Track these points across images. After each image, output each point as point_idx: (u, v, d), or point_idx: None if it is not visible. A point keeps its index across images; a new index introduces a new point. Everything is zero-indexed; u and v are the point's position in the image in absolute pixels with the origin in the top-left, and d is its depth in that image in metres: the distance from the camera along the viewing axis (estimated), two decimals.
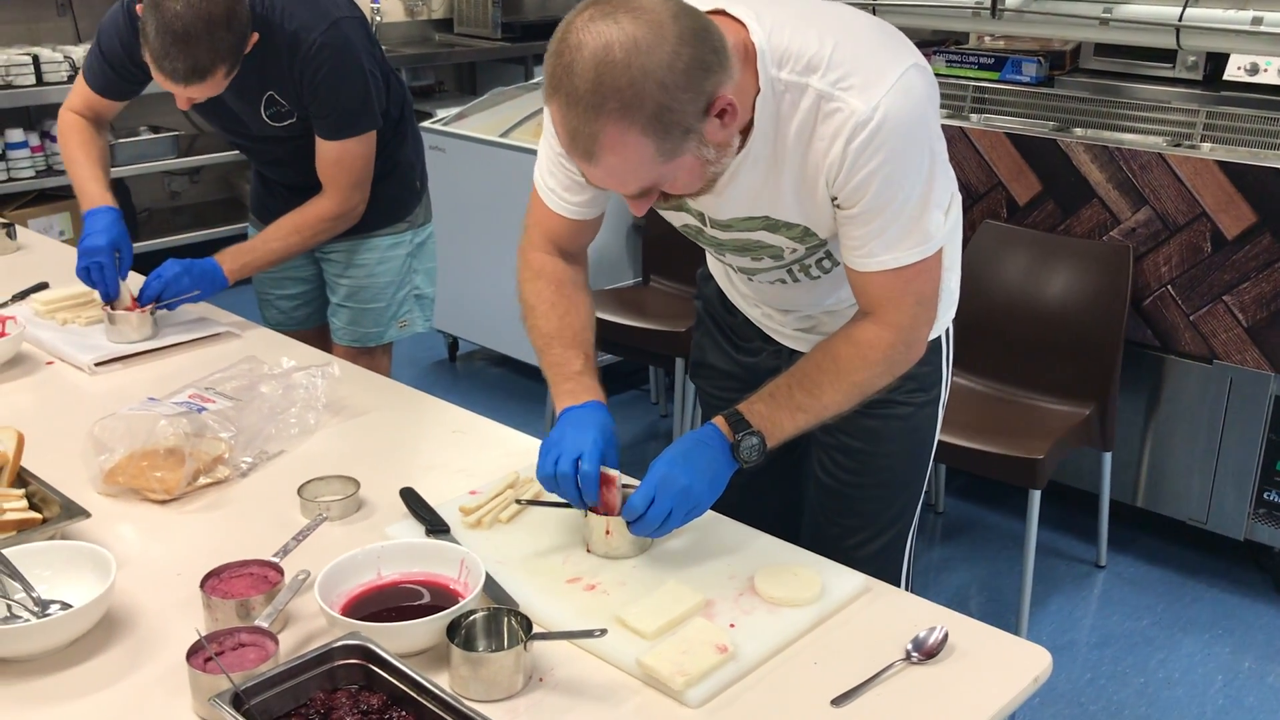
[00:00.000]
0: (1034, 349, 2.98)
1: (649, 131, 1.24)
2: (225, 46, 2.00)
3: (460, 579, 1.38)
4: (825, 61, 1.34)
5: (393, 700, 1.16)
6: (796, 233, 1.50)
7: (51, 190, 4.68)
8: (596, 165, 1.29)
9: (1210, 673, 2.69)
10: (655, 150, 1.26)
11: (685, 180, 1.34)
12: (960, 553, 3.17)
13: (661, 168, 1.29)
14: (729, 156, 1.35)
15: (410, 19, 5.98)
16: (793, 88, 1.36)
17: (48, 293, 2.34)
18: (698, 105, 1.25)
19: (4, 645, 1.28)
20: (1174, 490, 3.04)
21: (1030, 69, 3.44)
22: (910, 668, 1.31)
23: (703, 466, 1.45)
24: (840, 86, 1.34)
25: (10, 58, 4.44)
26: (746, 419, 1.47)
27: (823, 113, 1.36)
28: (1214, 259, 2.81)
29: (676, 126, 1.25)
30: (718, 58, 1.26)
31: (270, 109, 2.25)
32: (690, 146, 1.28)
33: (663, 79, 1.21)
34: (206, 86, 2.05)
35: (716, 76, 1.26)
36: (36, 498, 1.54)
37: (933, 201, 1.42)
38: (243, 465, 1.71)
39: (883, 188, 1.38)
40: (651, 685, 1.26)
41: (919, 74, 1.38)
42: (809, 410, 1.49)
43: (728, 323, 1.84)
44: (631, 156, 1.26)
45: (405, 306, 2.58)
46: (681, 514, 1.44)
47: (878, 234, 1.42)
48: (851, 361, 1.49)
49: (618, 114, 1.22)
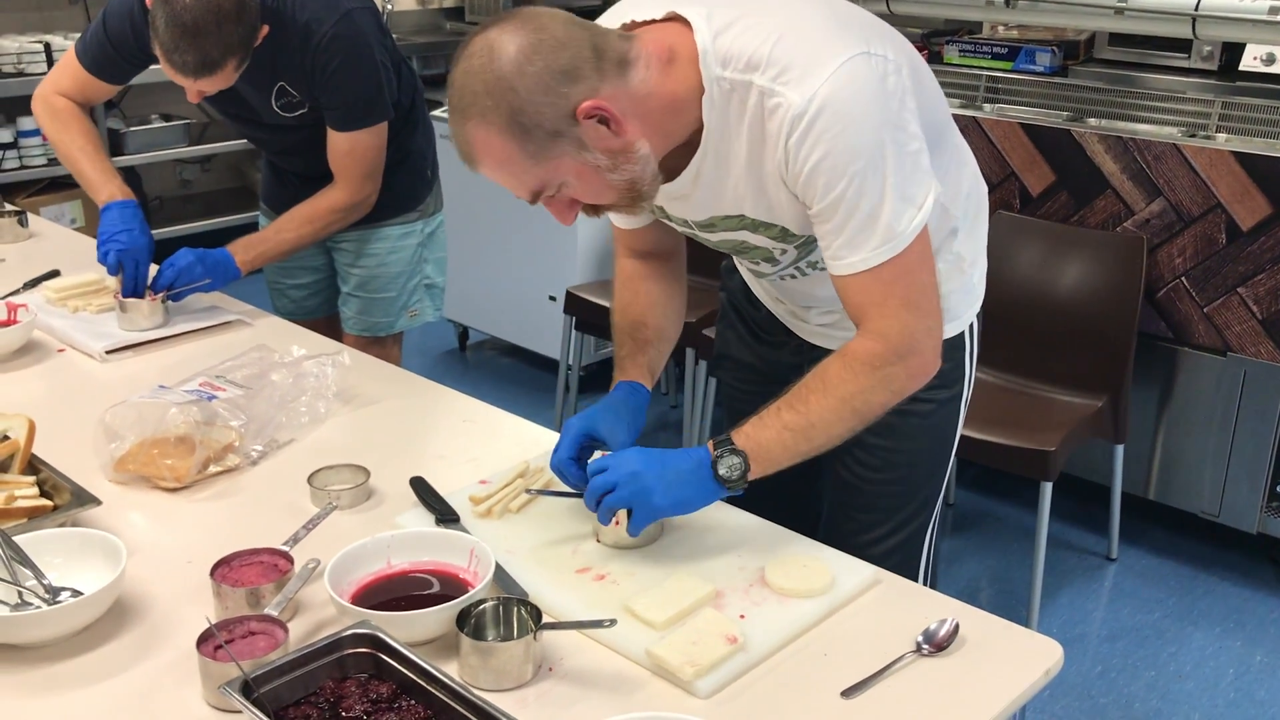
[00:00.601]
0: (1046, 340, 2.97)
1: (508, 133, 1.29)
2: (235, 39, 1.99)
3: (470, 568, 1.38)
4: (766, 58, 1.33)
5: (402, 689, 1.16)
6: (776, 232, 1.49)
7: (63, 178, 4.69)
8: (479, 168, 1.35)
9: (1221, 666, 2.68)
10: (520, 152, 1.30)
11: (585, 186, 1.36)
12: (971, 545, 3.16)
13: (538, 170, 1.33)
14: (636, 164, 1.35)
15: (421, 7, 5.97)
16: (739, 86, 1.35)
17: (59, 280, 2.34)
18: (559, 109, 1.28)
19: (15, 632, 1.28)
20: (1186, 483, 3.02)
21: (1044, 58, 3.43)
22: (920, 660, 1.30)
23: (668, 469, 1.43)
24: (779, 81, 1.32)
25: (22, 45, 4.45)
26: (731, 439, 1.45)
27: (766, 110, 1.34)
28: (1228, 250, 2.80)
29: (537, 129, 1.29)
30: (588, 66, 1.29)
31: (281, 99, 2.25)
32: (564, 149, 1.31)
33: (514, 83, 1.27)
34: (217, 80, 2.04)
35: (584, 84, 1.29)
36: (47, 485, 1.54)
37: (892, 195, 1.34)
38: (253, 453, 1.71)
39: (831, 180, 1.34)
40: (661, 676, 1.26)
41: (866, 62, 1.33)
42: (795, 428, 1.42)
43: (751, 316, 1.84)
44: (499, 158, 1.32)
45: (416, 296, 2.58)
46: (624, 496, 1.41)
47: (838, 231, 1.37)
48: (839, 375, 1.42)
49: (478, 118, 1.29)
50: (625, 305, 1.69)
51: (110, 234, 2.23)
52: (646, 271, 1.70)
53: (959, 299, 1.64)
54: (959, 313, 1.65)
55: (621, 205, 1.41)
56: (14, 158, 4.51)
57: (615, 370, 1.64)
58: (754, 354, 1.83)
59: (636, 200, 1.39)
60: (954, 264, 1.61)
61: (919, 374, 1.46)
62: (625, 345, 1.66)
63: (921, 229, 1.39)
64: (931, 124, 1.45)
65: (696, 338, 3.29)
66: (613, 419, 1.55)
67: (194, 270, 2.20)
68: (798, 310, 1.73)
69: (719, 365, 1.93)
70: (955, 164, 1.57)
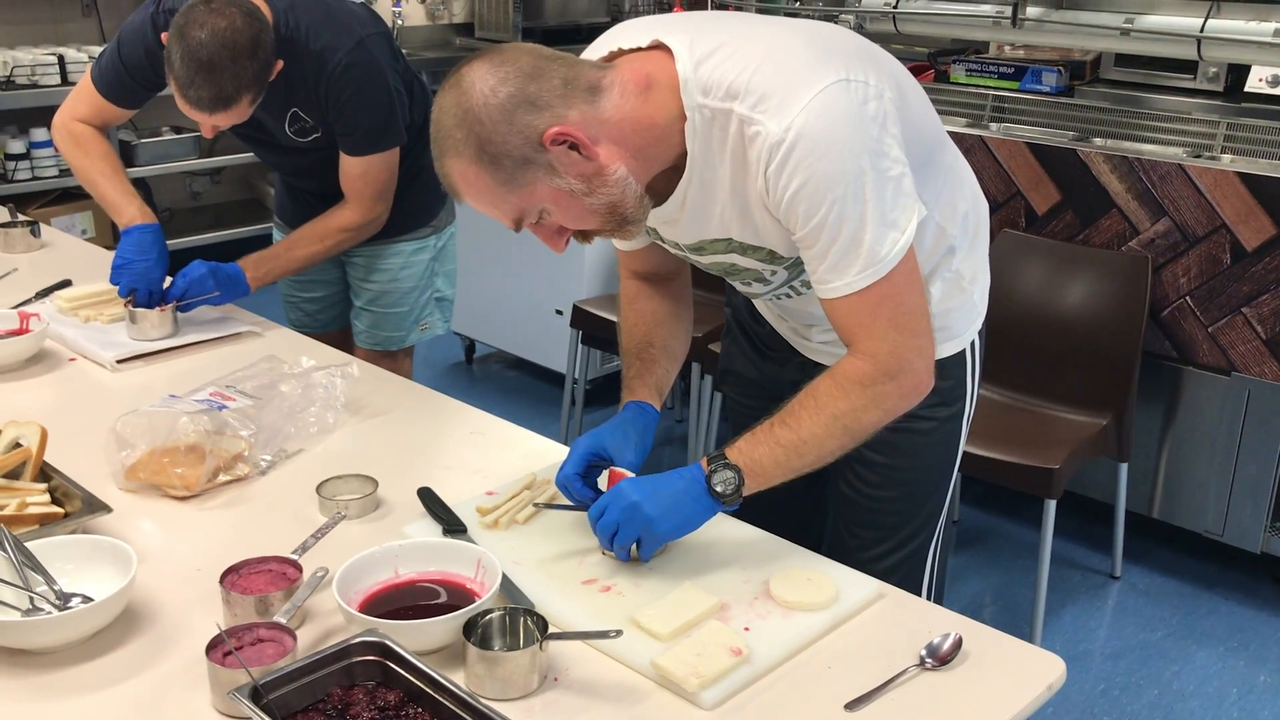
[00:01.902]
0: (1051, 358, 2.98)
1: (479, 164, 1.33)
2: (249, 76, 2.01)
3: (477, 578, 1.39)
4: (744, 86, 1.35)
5: (409, 697, 1.17)
6: (763, 255, 1.50)
7: (75, 189, 4.72)
8: (462, 200, 1.39)
9: (1225, 685, 2.68)
10: (493, 180, 1.34)
11: (565, 212, 1.39)
12: (975, 561, 3.17)
13: (514, 197, 1.36)
14: (613, 187, 1.37)
15: (431, 23, 6.00)
16: (719, 114, 1.37)
17: (70, 290, 2.36)
18: (525, 137, 1.31)
19: (26, 637, 1.29)
20: (1190, 502, 3.03)
21: (1050, 79, 3.44)
22: (924, 673, 1.31)
23: (663, 493, 1.45)
24: (758, 110, 1.34)
25: (36, 57, 4.49)
26: (725, 454, 1.47)
27: (746, 137, 1.36)
28: (1233, 270, 2.81)
29: (506, 158, 1.32)
30: (553, 95, 1.32)
31: (295, 125, 2.26)
32: (536, 176, 1.34)
33: (479, 115, 1.31)
34: (232, 115, 2.06)
35: (548, 112, 1.32)
36: (59, 492, 1.56)
37: (873, 220, 1.35)
38: (262, 463, 1.73)
39: (811, 208, 1.35)
40: (666, 687, 1.27)
41: (844, 89, 1.34)
42: (787, 445, 1.44)
43: (756, 332, 1.85)
44: (476, 188, 1.36)
45: (427, 310, 2.60)
46: (631, 532, 1.44)
47: (821, 258, 1.39)
48: (829, 393, 1.44)
49: (452, 152, 1.34)
50: (631, 326, 1.71)
51: (126, 260, 2.24)
52: (651, 291, 1.72)
53: (959, 317, 1.65)
54: (960, 330, 1.66)
55: (607, 229, 1.43)
56: (26, 168, 4.54)
57: (623, 390, 1.66)
58: (758, 370, 1.85)
59: (622, 224, 1.41)
60: (953, 282, 1.61)
61: (911, 393, 1.47)
62: (633, 365, 1.67)
63: (906, 252, 1.40)
64: (921, 145, 1.46)
65: (702, 353, 3.30)
66: (620, 438, 1.57)
67: (205, 283, 2.22)
68: (799, 328, 1.74)
69: (724, 381, 1.94)
70: (951, 184, 1.57)
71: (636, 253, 1.71)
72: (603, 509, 1.46)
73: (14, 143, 4.50)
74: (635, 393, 1.64)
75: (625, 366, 1.69)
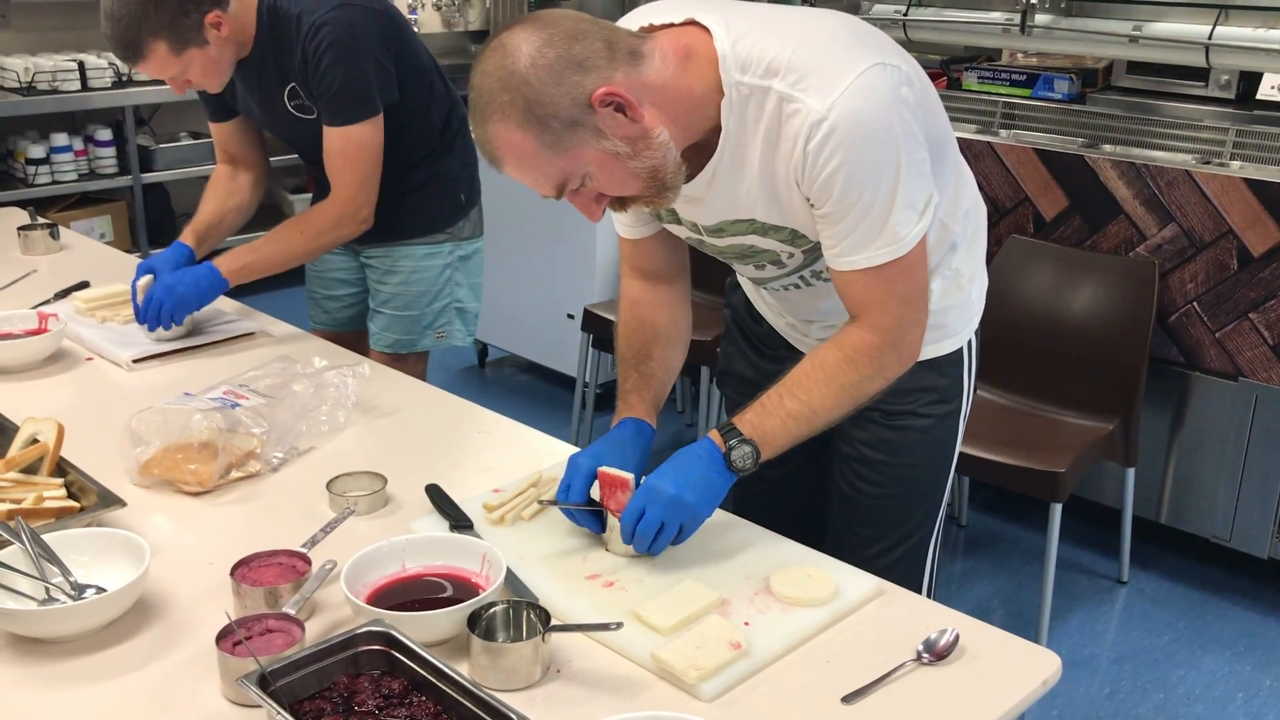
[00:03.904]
0: (1058, 363, 2.99)
1: (526, 126, 1.32)
2: (155, 23, 2.03)
3: (482, 573, 1.41)
4: (785, 64, 1.38)
5: (413, 686, 1.20)
6: (785, 235, 1.53)
7: (93, 193, 4.78)
8: (503, 167, 1.38)
9: (1231, 690, 2.68)
10: (538, 143, 1.33)
11: (608, 176, 1.39)
12: (982, 565, 3.18)
13: (560, 161, 1.35)
14: (657, 150, 1.38)
15: (448, 30, 6.05)
16: (757, 91, 1.39)
17: (88, 291, 2.40)
18: (574, 98, 1.31)
19: (42, 626, 1.33)
20: (1198, 507, 3.03)
21: (1062, 86, 3.45)
22: (920, 668, 1.33)
23: (693, 477, 1.48)
24: (799, 88, 1.37)
25: (57, 64, 4.54)
26: (738, 428, 1.50)
27: (784, 114, 1.39)
28: (1240, 276, 2.82)
29: (554, 119, 1.31)
30: (600, 57, 1.33)
31: (294, 100, 2.28)
32: (583, 139, 1.34)
33: (526, 75, 1.30)
34: (151, 64, 2.08)
35: (597, 73, 1.32)
36: (75, 487, 1.59)
37: (900, 201, 1.42)
38: (274, 460, 1.76)
39: (846, 187, 1.39)
40: (666, 679, 1.29)
41: (882, 73, 1.38)
42: (799, 416, 1.51)
43: (754, 331, 1.87)
44: (520, 153, 1.35)
45: (444, 318, 2.58)
46: (675, 524, 1.46)
47: (847, 233, 1.44)
48: (839, 366, 1.50)
49: (497, 116, 1.33)
50: (631, 333, 1.71)
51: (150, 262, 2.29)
52: (652, 297, 1.72)
53: (957, 315, 1.67)
54: (957, 329, 1.68)
55: (647, 195, 1.43)
56: (46, 173, 4.59)
57: (620, 401, 1.66)
58: (756, 369, 1.87)
59: (661, 190, 1.42)
60: (952, 280, 1.64)
61: (907, 361, 1.55)
62: (630, 378, 1.67)
63: (923, 233, 1.46)
64: (935, 138, 1.49)
65: (710, 356, 3.32)
66: (620, 458, 1.55)
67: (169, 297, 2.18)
68: (799, 324, 1.76)
69: (723, 380, 1.97)
70: (955, 181, 1.60)
71: (641, 245, 1.72)
72: (640, 511, 1.46)
73: (35, 147, 4.56)
74: (633, 409, 1.64)
75: (622, 375, 1.69)
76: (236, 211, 2.51)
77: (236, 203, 2.51)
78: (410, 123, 2.38)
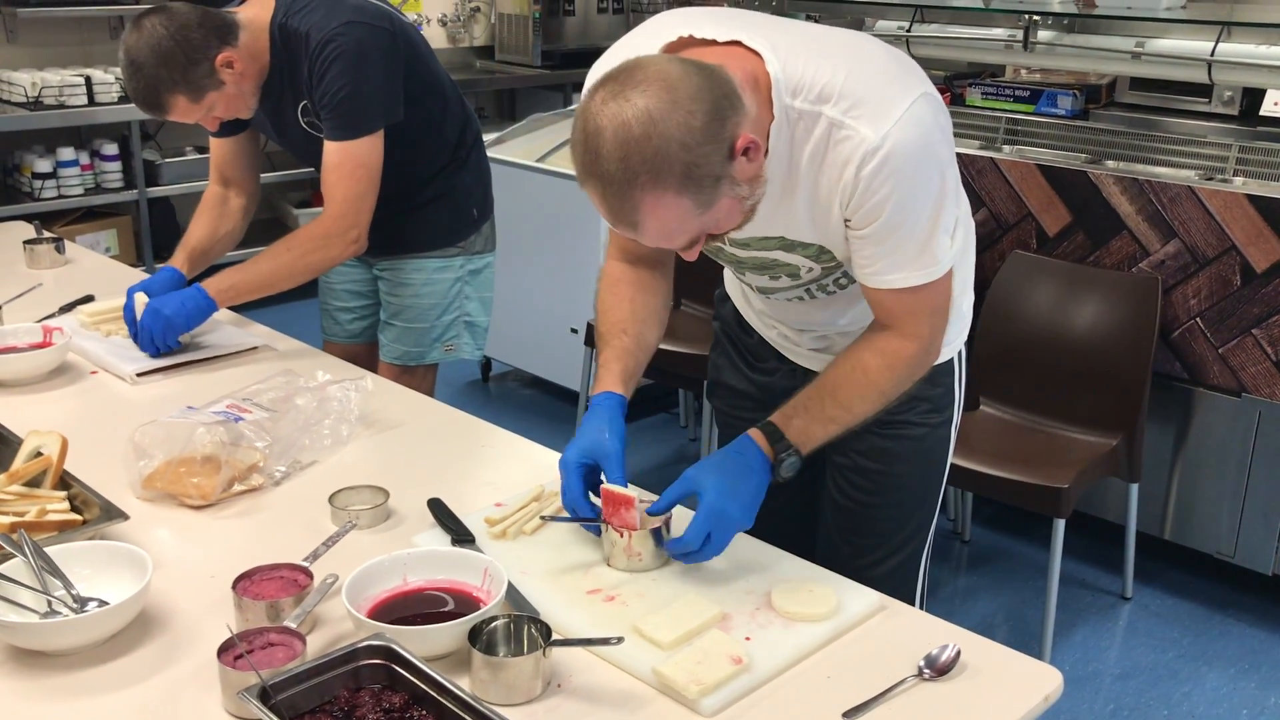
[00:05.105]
0: (1062, 379, 2.99)
1: (683, 191, 1.29)
2: (177, 79, 2.09)
3: (483, 587, 1.41)
4: (838, 91, 1.39)
5: (414, 700, 1.20)
6: (812, 251, 1.55)
7: (99, 208, 4.79)
8: (643, 233, 1.34)
9: (1235, 707, 2.67)
10: (693, 205, 1.31)
11: (727, 219, 1.39)
12: (986, 581, 3.17)
13: (703, 218, 1.35)
14: (761, 186, 1.39)
15: (453, 46, 6.08)
16: (806, 115, 1.40)
17: (93, 305, 2.41)
18: (721, 153, 1.30)
19: (44, 639, 1.33)
20: (1202, 523, 3.03)
21: (1066, 102, 3.46)
22: (922, 684, 1.33)
23: (749, 498, 1.51)
24: (851, 115, 1.38)
25: (64, 78, 4.56)
26: (785, 436, 1.53)
27: (834, 140, 1.40)
28: (1243, 292, 2.82)
29: (707, 178, 1.29)
30: (730, 102, 1.30)
31: (306, 117, 2.29)
32: (724, 190, 1.33)
33: (684, 140, 1.26)
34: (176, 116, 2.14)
35: (734, 120, 1.30)
36: (78, 500, 1.59)
37: (941, 226, 1.47)
38: (276, 474, 1.76)
39: (894, 213, 1.42)
40: (666, 694, 1.29)
41: (927, 103, 1.42)
42: (840, 421, 1.56)
43: (744, 343, 1.88)
44: (672, 217, 1.32)
45: (453, 331, 2.59)
46: (727, 540, 1.50)
47: (888, 254, 1.47)
48: (881, 372, 1.54)
49: (650, 184, 1.27)
50: (609, 309, 1.70)
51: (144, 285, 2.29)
52: (634, 278, 1.71)
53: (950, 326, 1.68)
54: (949, 339, 1.70)
55: (736, 228, 1.44)
56: (52, 187, 4.61)
57: (600, 370, 1.66)
58: (747, 380, 1.88)
59: (747, 220, 1.43)
60: None
61: (931, 364, 1.61)
62: (605, 351, 1.67)
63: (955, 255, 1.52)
64: None
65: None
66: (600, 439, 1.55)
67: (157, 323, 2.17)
68: (791, 334, 1.77)
69: (713, 392, 1.97)
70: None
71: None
72: (705, 535, 1.46)
73: (41, 162, 4.58)
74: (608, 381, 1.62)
75: (600, 350, 1.68)
76: (228, 237, 2.52)
77: (228, 229, 2.52)
78: (424, 137, 2.40)
